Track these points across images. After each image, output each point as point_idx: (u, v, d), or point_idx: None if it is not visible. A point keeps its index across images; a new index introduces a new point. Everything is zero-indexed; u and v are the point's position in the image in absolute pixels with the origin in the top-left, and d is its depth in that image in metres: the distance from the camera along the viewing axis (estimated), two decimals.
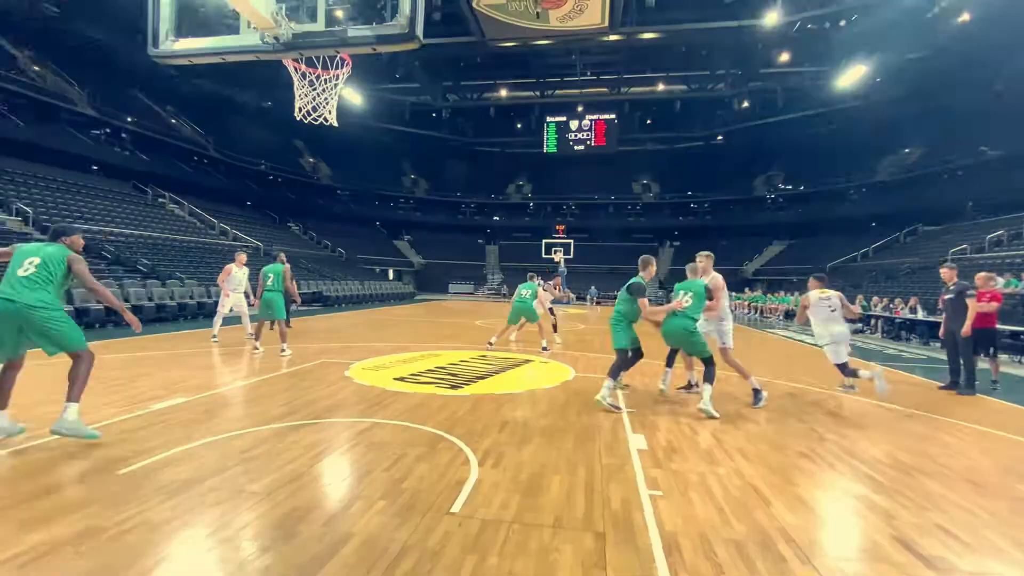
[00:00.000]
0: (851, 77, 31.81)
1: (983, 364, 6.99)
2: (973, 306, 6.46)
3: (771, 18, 26.01)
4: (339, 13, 3.34)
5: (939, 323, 7.42)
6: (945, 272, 6.97)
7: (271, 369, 6.81)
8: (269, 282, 8.12)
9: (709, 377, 5.07)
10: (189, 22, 3.62)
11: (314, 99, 3.54)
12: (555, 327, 11.02)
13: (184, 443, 3.76)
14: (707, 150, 43.74)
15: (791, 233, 39.00)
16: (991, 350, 6.87)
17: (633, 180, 46.27)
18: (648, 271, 5.40)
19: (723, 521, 2.82)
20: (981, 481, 3.56)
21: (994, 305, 6.66)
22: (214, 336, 8.85)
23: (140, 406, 4.69)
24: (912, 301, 13.81)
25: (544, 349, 9.35)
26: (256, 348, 8.10)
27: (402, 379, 6.33)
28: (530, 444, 4.05)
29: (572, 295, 28.15)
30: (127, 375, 6.00)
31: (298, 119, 3.73)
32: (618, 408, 5.14)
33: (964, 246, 21.61)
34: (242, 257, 9.18)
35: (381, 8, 3.25)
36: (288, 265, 8.77)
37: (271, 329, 8.56)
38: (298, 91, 3.51)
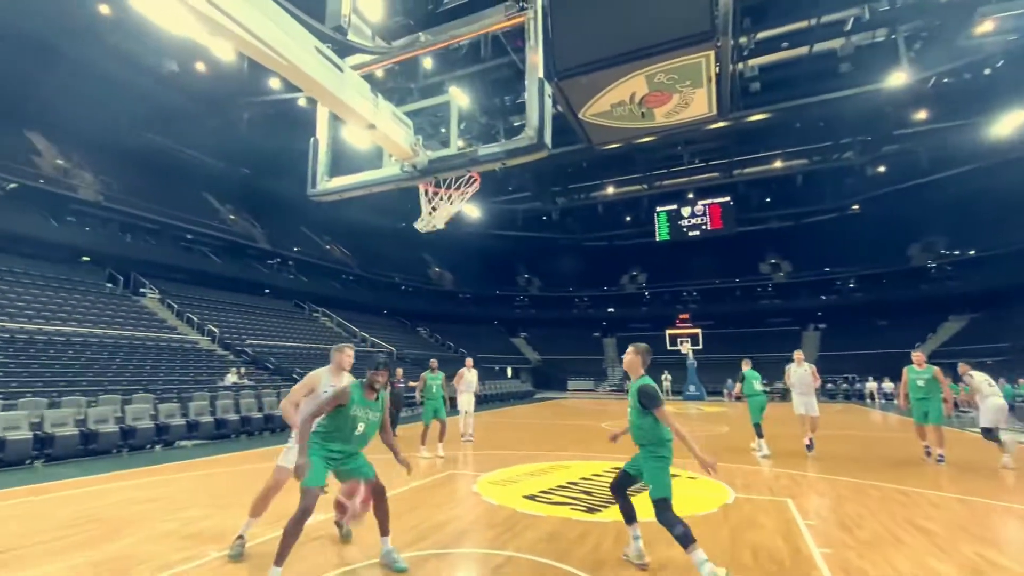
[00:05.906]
0: (1008, 125, 27.81)
1: None
2: None
3: (898, 78, 24.13)
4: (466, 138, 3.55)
5: None
6: None
7: (400, 482, 6.60)
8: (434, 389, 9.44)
9: None
10: (340, 163, 4.09)
11: (434, 212, 3.69)
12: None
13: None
14: (841, 222, 39.85)
15: (972, 306, 32.65)
16: None
17: (759, 260, 43.18)
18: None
19: None
20: None
21: None
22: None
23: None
24: None
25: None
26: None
27: (532, 497, 5.79)
28: None
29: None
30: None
31: (422, 232, 3.91)
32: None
33: None
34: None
35: (506, 129, 3.34)
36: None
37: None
38: (425, 209, 3.69)
